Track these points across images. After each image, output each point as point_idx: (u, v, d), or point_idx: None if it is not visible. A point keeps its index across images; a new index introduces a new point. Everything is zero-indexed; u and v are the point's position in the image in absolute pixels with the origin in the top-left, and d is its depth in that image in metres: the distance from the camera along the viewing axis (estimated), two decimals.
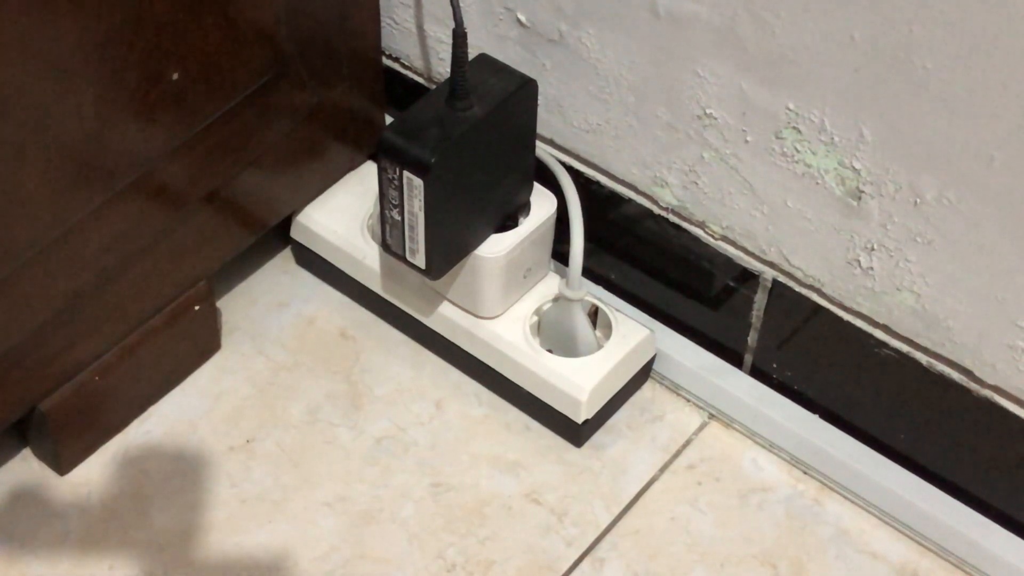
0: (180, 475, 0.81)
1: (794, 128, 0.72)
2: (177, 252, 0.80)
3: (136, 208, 0.76)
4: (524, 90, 0.76)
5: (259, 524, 0.79)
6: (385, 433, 0.84)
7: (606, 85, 0.79)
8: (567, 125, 0.83)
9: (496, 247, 0.80)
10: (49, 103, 0.67)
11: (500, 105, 0.75)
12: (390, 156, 0.74)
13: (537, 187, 0.82)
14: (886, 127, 0.68)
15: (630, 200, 0.83)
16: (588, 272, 0.88)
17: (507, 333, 0.83)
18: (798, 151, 0.73)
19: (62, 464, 0.81)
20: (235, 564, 0.78)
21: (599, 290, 0.87)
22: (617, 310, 0.84)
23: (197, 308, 0.83)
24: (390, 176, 0.75)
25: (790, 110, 0.71)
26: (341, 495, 0.81)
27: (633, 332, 0.83)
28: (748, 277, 0.80)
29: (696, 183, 0.78)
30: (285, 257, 0.92)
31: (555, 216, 0.82)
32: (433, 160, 0.73)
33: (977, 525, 0.78)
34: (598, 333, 0.85)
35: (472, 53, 0.75)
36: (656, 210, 0.82)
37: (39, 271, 0.72)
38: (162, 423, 0.84)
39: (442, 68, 0.87)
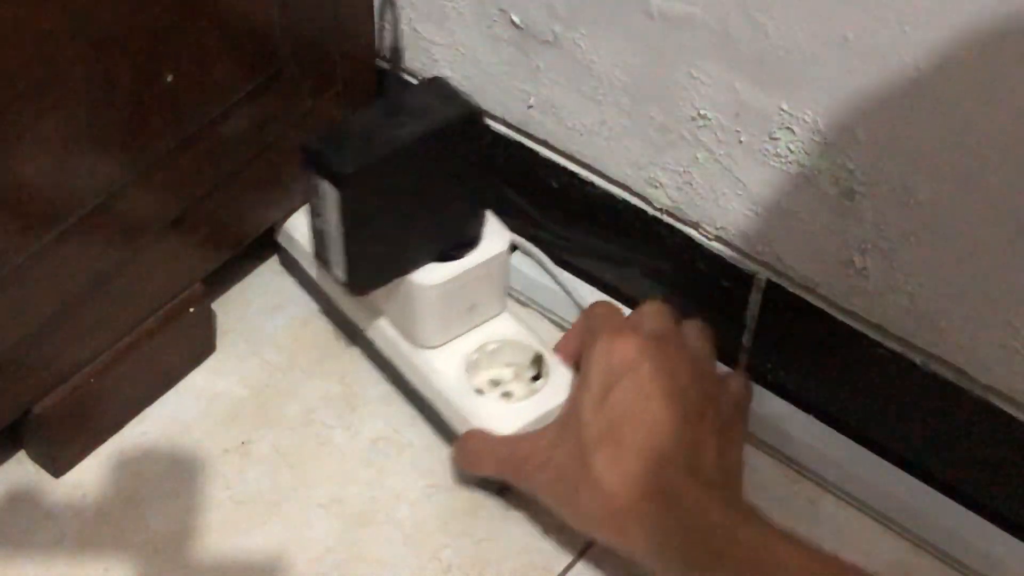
0: (175, 477, 0.81)
1: (788, 128, 0.72)
2: (172, 254, 0.80)
3: (131, 210, 0.76)
4: (465, 119, 0.74)
5: (254, 526, 0.79)
6: (380, 434, 0.84)
7: (600, 86, 0.79)
8: (561, 126, 0.83)
9: (430, 276, 0.78)
10: (43, 104, 0.67)
11: (436, 130, 0.73)
12: (309, 163, 0.73)
13: (493, 224, 0.80)
14: (879, 127, 0.69)
15: (624, 201, 0.83)
16: (582, 273, 0.88)
17: (442, 365, 0.81)
18: (792, 151, 0.73)
19: (57, 466, 0.81)
20: (230, 566, 0.78)
21: (542, 331, 0.84)
22: (555, 354, 0.81)
23: (192, 310, 0.83)
24: (312, 183, 0.73)
25: (784, 110, 0.71)
26: (336, 496, 0.81)
27: (567, 383, 0.80)
28: (742, 277, 0.80)
29: (690, 184, 0.79)
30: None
31: (507, 255, 0.80)
32: (350, 172, 0.71)
33: (972, 525, 0.78)
34: (539, 383, 0.81)
35: (468, 54, 0.75)
36: (650, 211, 0.82)
37: (34, 273, 0.72)
38: (157, 425, 0.84)
39: (435, 69, 0.87)
